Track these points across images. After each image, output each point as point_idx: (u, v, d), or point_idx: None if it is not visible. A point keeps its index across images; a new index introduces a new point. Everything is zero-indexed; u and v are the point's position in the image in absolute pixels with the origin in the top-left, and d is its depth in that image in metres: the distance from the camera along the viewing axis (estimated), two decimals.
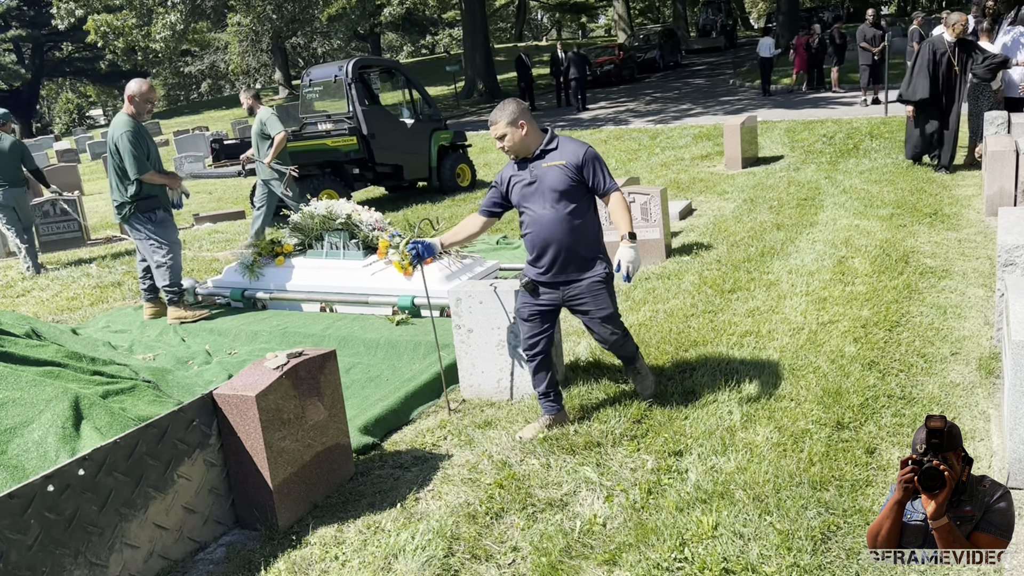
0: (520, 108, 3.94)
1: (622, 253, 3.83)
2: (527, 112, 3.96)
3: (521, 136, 3.94)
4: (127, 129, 6.03)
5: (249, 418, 3.49)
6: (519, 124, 3.91)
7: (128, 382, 4.78)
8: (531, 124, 3.95)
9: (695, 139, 14.83)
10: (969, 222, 7.42)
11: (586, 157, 3.90)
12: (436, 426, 4.47)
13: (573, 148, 3.93)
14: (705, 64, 35.78)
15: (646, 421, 4.17)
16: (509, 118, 3.91)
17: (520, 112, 3.93)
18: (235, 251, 8.95)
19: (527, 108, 3.98)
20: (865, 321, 5.12)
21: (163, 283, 6.29)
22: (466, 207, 10.84)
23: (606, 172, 3.94)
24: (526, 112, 3.96)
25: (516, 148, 3.96)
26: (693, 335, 5.19)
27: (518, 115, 3.92)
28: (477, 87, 30.97)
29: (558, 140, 3.97)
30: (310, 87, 11.96)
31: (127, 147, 6.00)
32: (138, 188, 6.13)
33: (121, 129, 6.03)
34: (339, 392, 3.91)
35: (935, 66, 8.95)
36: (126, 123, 6.07)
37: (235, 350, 5.89)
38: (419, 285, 5.97)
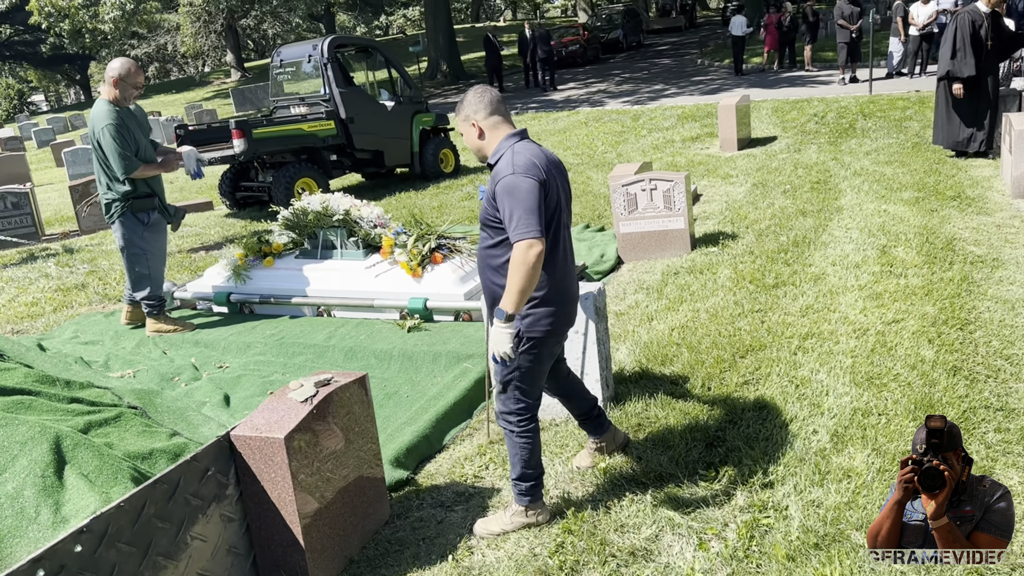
0: (479, 102, 3.01)
1: (489, 335, 2.94)
2: (491, 107, 3.01)
3: (473, 138, 3.05)
4: (109, 121, 5.23)
5: (276, 464, 2.89)
6: (471, 123, 3.03)
7: (111, 410, 4.13)
8: (488, 125, 3.01)
9: (680, 120, 14.36)
10: (998, 205, 7.04)
11: (498, 187, 2.85)
12: (474, 453, 3.91)
13: (498, 168, 2.91)
14: (668, 44, 35.42)
15: (721, 445, 3.65)
16: (463, 112, 3.06)
17: (477, 107, 3.01)
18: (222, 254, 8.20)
19: (493, 102, 3.02)
20: (933, 319, 4.66)
21: (142, 295, 5.59)
22: (452, 195, 10.22)
23: (516, 212, 2.77)
24: (488, 108, 3.00)
25: (473, 150, 3.11)
26: (746, 338, 4.69)
27: (473, 111, 3.02)
28: (441, 68, 30.13)
29: (503, 154, 2.95)
30: (281, 68, 11.18)
31: (111, 145, 5.22)
32: (133, 186, 5.41)
33: (103, 121, 5.25)
34: (373, 424, 3.33)
35: (976, 39, 8.31)
36: (107, 114, 5.27)
37: (226, 363, 5.24)
38: (430, 287, 5.38)
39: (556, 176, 2.98)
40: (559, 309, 3.04)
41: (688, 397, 4.11)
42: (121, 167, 5.24)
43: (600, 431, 3.59)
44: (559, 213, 2.98)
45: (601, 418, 3.59)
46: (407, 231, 5.61)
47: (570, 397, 3.52)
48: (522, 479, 3.18)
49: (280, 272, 5.92)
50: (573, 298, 3.16)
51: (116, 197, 5.34)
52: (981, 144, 8.71)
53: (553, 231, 2.96)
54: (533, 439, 3.15)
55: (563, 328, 3.12)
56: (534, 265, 2.72)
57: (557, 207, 2.96)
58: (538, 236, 2.74)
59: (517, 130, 3.04)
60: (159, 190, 5.54)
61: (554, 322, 3.03)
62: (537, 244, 2.74)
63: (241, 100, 30.55)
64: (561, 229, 3.02)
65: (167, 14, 43.32)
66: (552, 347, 3.13)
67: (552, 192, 2.90)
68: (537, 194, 2.79)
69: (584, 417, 3.54)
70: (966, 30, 8.36)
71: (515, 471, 3.19)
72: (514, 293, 2.77)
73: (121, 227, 5.42)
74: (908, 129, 10.93)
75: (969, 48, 8.32)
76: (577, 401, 3.53)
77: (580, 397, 3.54)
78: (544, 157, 2.96)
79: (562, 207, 3.02)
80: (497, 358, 2.91)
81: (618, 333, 4.96)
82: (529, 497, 3.20)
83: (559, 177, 3.01)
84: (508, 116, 3.07)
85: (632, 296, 5.66)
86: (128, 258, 5.52)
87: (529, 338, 3.02)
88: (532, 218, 2.76)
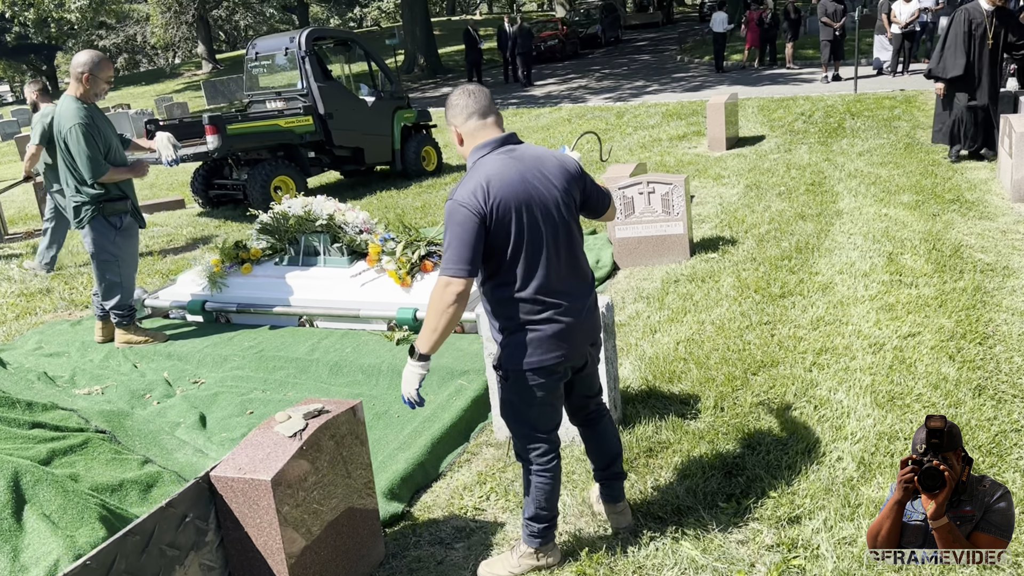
0: (457, 105, 2.70)
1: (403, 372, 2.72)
2: (469, 111, 2.68)
3: (456, 144, 2.78)
4: (78, 120, 4.83)
5: (261, 509, 2.59)
6: (452, 128, 2.75)
7: (77, 435, 3.81)
8: (467, 131, 2.69)
9: (665, 118, 14.13)
10: (999, 209, 6.88)
11: (445, 211, 2.63)
12: (473, 481, 3.62)
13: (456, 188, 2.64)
14: (646, 40, 35.25)
15: (740, 473, 3.40)
16: (446, 116, 2.77)
17: (455, 111, 2.70)
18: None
19: (472, 105, 2.68)
20: (951, 333, 4.45)
21: (111, 304, 5.22)
22: (436, 195, 9.91)
23: (447, 242, 2.57)
24: (466, 111, 2.68)
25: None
26: (756, 353, 4.44)
27: (452, 115, 2.72)
28: (418, 62, 29.68)
29: (472, 167, 2.68)
30: (256, 61, 10.77)
31: (79, 147, 4.82)
32: (104, 188, 5.02)
33: (70, 121, 4.84)
34: (368, 458, 3.04)
35: (970, 39, 8.03)
36: (76, 112, 4.87)
37: (201, 378, 4.91)
38: (420, 297, 5.08)
39: (523, 193, 2.58)
40: (543, 336, 2.65)
41: (700, 419, 3.86)
42: (89, 171, 4.86)
43: (611, 499, 3.12)
44: (523, 233, 2.59)
45: (616, 483, 3.09)
46: (395, 237, 5.30)
47: (588, 440, 3.11)
48: (535, 519, 2.90)
49: (259, 280, 5.58)
50: (566, 321, 2.67)
51: (85, 200, 4.96)
52: (968, 145, 8.47)
53: (514, 254, 2.59)
54: (552, 479, 2.84)
55: (555, 355, 2.67)
56: (450, 305, 2.53)
57: (521, 229, 2.58)
58: (458, 274, 2.53)
59: (495, 137, 2.67)
60: (131, 192, 5.18)
61: (539, 350, 2.65)
62: (455, 283, 2.53)
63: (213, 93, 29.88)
64: (532, 250, 2.61)
65: (136, 4, 42.41)
66: (551, 378, 2.71)
67: (504, 217, 2.55)
68: (470, 227, 2.52)
69: (601, 470, 3.09)
70: (960, 29, 8.09)
71: (528, 510, 2.90)
72: (427, 332, 2.61)
73: (91, 232, 5.05)
74: (898, 129, 10.78)
75: (960, 48, 8.04)
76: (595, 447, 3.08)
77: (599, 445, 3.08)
78: (508, 175, 2.58)
79: (534, 224, 2.60)
80: (405, 398, 2.71)
81: (620, 346, 4.70)
82: (540, 539, 2.92)
83: (534, 190, 2.61)
84: (491, 119, 2.70)
85: (632, 306, 5.40)
86: (98, 265, 5.15)
87: (509, 371, 2.71)
88: (458, 252, 2.53)
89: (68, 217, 5.11)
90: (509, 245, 2.59)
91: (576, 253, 2.75)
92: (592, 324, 2.81)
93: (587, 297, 2.77)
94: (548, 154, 2.75)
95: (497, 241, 2.58)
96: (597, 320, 2.84)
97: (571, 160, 2.81)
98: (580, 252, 2.78)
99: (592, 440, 3.07)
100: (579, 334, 2.74)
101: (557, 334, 2.66)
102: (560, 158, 2.77)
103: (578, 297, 2.73)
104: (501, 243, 2.58)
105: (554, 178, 2.68)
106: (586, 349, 2.82)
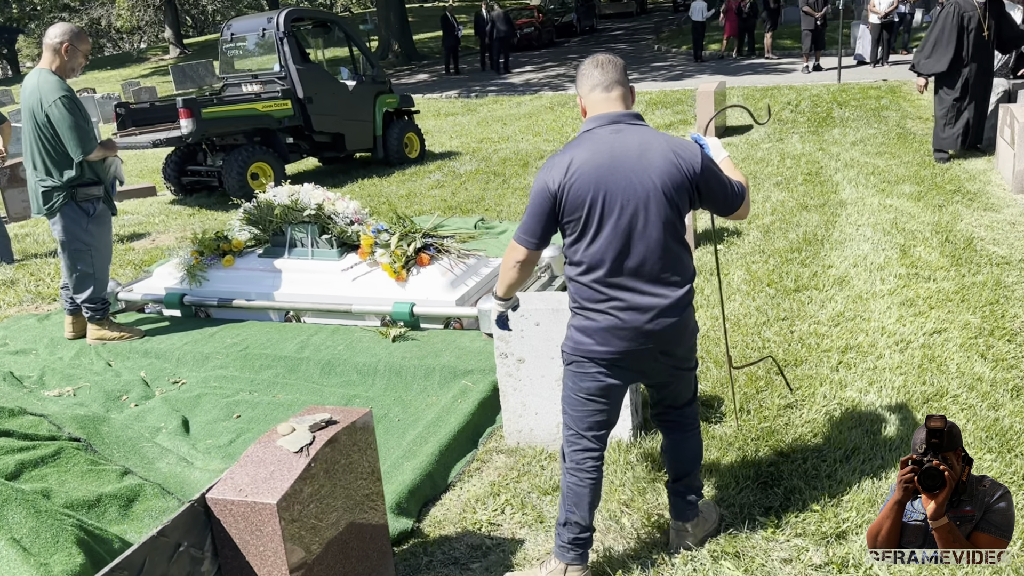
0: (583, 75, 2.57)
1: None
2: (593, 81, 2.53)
3: (582, 114, 2.64)
4: (63, 92, 4.49)
5: (265, 535, 2.29)
6: (579, 97, 2.62)
7: (49, 444, 3.47)
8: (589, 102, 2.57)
9: (650, 106, 13.90)
10: (1003, 200, 6.72)
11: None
12: (486, 493, 3.34)
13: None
14: (621, 29, 35.02)
15: (777, 484, 3.16)
16: (576, 82, 2.63)
17: (581, 81, 2.57)
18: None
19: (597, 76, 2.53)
20: (978, 330, 4.25)
21: (83, 297, 4.86)
22: (420, 183, 9.57)
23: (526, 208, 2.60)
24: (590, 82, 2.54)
25: None
26: (778, 352, 4.21)
27: (578, 85, 2.60)
28: (392, 48, 29.15)
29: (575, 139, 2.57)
30: (232, 42, 10.33)
31: (66, 119, 4.46)
32: (79, 171, 4.66)
33: (54, 93, 4.48)
34: (378, 473, 2.74)
35: (961, 32, 7.71)
36: (58, 84, 4.52)
37: (181, 378, 4.57)
38: (416, 292, 4.79)
39: (608, 178, 2.42)
40: (595, 326, 2.51)
41: (725, 423, 3.61)
42: (79, 145, 4.50)
43: (674, 515, 2.85)
44: (597, 219, 2.44)
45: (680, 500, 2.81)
46: (388, 228, 4.99)
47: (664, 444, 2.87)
48: (565, 525, 2.64)
49: (241, 273, 5.23)
50: (623, 319, 2.48)
51: (57, 185, 4.59)
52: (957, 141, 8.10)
53: (583, 237, 2.48)
54: (582, 483, 2.62)
55: (604, 350, 2.51)
56: (511, 267, 2.62)
57: (594, 214, 2.44)
58: (521, 243, 2.57)
59: (607, 113, 2.51)
60: (104, 177, 4.81)
61: (589, 340, 2.53)
62: (517, 251, 2.59)
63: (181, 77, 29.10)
64: (603, 238, 2.44)
65: None
66: (598, 373, 2.55)
67: (579, 199, 2.44)
68: (540, 201, 2.51)
69: (671, 481, 2.84)
70: (950, 22, 7.75)
71: (560, 515, 2.68)
72: (499, 281, 2.76)
73: (62, 219, 4.68)
74: (888, 119, 10.64)
75: (950, 42, 7.70)
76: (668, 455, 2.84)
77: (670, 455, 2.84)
78: (598, 157, 2.44)
79: (612, 212, 2.43)
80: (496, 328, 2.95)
81: None
82: (572, 553, 2.66)
83: (624, 177, 2.42)
84: (615, 93, 2.53)
85: None
86: (69, 255, 4.78)
87: (563, 352, 2.67)
88: (526, 223, 2.56)
89: (36, 205, 4.72)
90: (579, 227, 2.47)
91: (661, 252, 2.46)
92: (663, 332, 2.51)
93: (661, 300, 2.49)
94: (660, 142, 2.47)
95: (569, 221, 2.48)
96: (673, 329, 2.53)
97: (689, 153, 2.48)
98: (668, 252, 2.48)
99: (666, 447, 2.85)
100: (640, 337, 2.50)
101: (610, 329, 2.50)
102: (677, 149, 2.47)
103: (648, 297, 2.48)
104: (573, 224, 2.48)
105: (655, 169, 2.44)
106: (654, 358, 2.57)
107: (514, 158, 10.37)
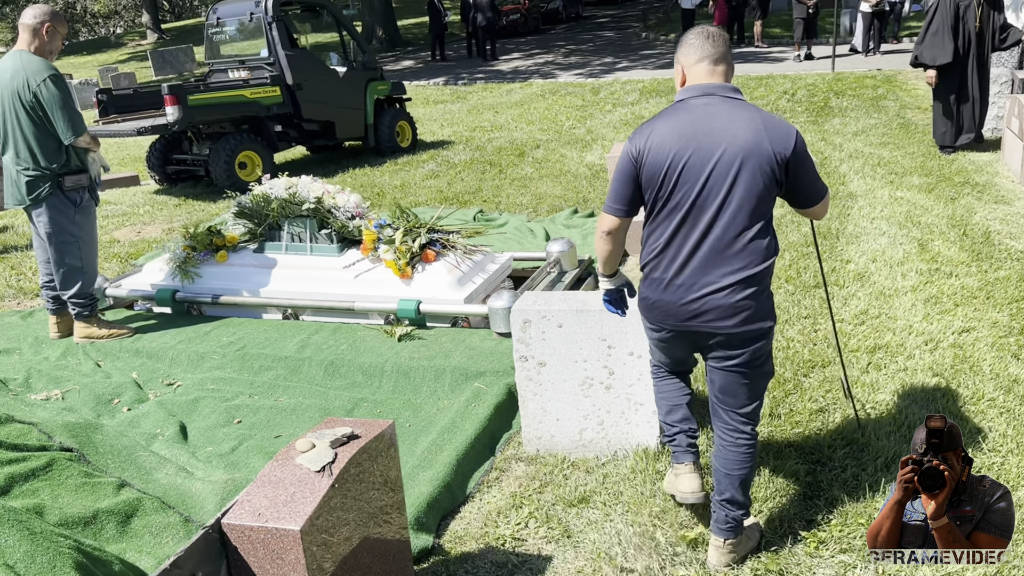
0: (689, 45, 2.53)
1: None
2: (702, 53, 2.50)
3: (678, 83, 2.63)
4: (52, 72, 4.28)
5: (287, 564, 2.09)
6: (678, 64, 2.59)
7: (39, 456, 3.25)
8: (691, 73, 2.52)
9: (643, 95, 13.70)
10: (1013, 193, 6.60)
11: None
12: (508, 505, 3.16)
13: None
14: (607, 17, 34.75)
15: (818, 496, 3.00)
16: (680, 50, 2.60)
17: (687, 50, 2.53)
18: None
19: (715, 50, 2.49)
20: (1008, 329, 4.12)
21: (71, 292, 4.61)
22: (413, 172, 9.33)
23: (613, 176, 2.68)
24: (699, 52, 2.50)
25: None
26: (803, 351, 4.05)
27: (683, 53, 2.56)
28: (376, 34, 28.72)
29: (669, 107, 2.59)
30: (218, 27, 10.01)
31: (57, 100, 4.25)
32: (67, 158, 4.41)
33: (43, 73, 4.26)
34: (400, 489, 2.55)
35: (957, 22, 7.50)
36: (45, 64, 4.31)
37: (176, 380, 4.35)
38: (422, 290, 4.58)
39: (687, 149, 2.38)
40: (644, 290, 2.60)
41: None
42: (70, 126, 4.29)
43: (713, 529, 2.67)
44: (667, 188, 2.44)
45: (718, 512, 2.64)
46: (391, 223, 4.77)
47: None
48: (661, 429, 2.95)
49: (236, 269, 5.00)
50: (658, 293, 2.53)
51: (42, 173, 4.34)
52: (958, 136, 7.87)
53: (654, 204, 2.49)
54: (660, 387, 2.90)
55: (650, 316, 2.62)
56: (601, 238, 2.60)
57: (666, 183, 2.43)
58: (608, 211, 2.57)
59: (704, 83, 2.48)
60: (88, 165, 4.56)
61: (641, 303, 2.65)
62: (605, 220, 2.59)
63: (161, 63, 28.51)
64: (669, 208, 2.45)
65: None
66: (653, 329, 2.67)
67: (655, 167, 2.43)
68: (623, 167, 2.52)
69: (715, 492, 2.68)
70: (946, 12, 7.51)
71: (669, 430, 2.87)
72: (598, 259, 2.76)
73: (48, 210, 4.43)
74: (887, 109, 10.52)
75: (947, 33, 7.47)
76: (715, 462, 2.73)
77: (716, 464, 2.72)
78: (682, 126, 2.41)
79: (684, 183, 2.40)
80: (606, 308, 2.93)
81: None
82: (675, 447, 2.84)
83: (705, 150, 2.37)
84: (721, 67, 2.50)
85: None
86: (56, 248, 4.53)
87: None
88: (612, 190, 2.57)
89: (16, 195, 4.46)
90: (653, 195, 2.48)
91: (725, 234, 2.39)
92: (699, 317, 2.47)
93: (707, 284, 2.44)
94: (751, 115, 2.39)
95: (647, 187, 2.49)
96: (712, 316, 2.45)
97: (782, 132, 2.40)
98: (735, 237, 2.40)
99: (715, 454, 2.73)
100: (671, 317, 2.53)
101: (649, 297, 2.58)
102: (771, 128, 2.38)
103: (694, 276, 2.45)
104: (648, 191, 2.49)
105: (740, 146, 2.35)
106: (694, 340, 2.57)
107: (509, 147, 10.15)
